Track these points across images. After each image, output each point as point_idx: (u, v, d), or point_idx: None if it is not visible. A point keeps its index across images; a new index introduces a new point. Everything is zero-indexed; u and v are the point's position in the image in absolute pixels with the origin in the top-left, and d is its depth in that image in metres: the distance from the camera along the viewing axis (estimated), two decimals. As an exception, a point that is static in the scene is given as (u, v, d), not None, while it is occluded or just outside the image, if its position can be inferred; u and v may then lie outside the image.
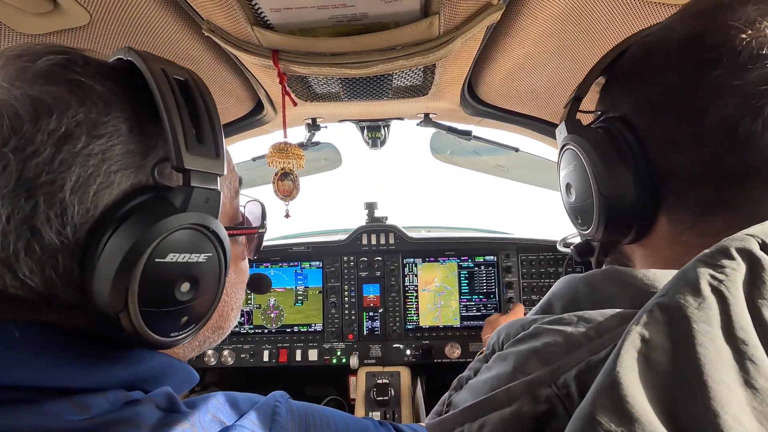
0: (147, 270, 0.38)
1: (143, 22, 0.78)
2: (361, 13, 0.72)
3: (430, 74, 1.02)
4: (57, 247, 0.36)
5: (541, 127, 1.31)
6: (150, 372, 0.44)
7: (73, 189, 0.36)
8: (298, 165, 1.03)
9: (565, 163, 0.53)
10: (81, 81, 0.38)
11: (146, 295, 0.39)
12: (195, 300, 0.43)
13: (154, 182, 0.41)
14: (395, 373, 1.52)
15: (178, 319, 0.43)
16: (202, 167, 0.42)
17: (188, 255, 0.42)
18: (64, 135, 0.36)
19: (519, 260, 1.60)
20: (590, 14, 0.77)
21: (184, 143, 0.40)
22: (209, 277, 0.44)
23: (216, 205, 0.44)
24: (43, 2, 0.67)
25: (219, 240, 0.45)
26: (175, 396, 0.42)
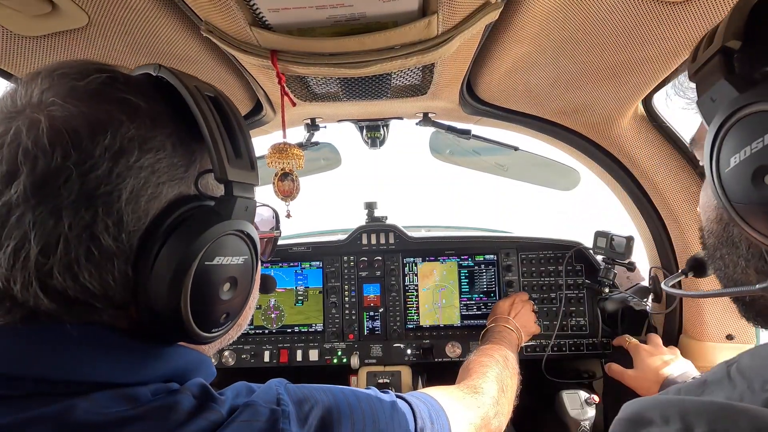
0: (198, 272, 0.43)
1: (142, 23, 0.78)
2: (360, 13, 0.72)
3: (428, 73, 1.02)
4: (114, 252, 0.40)
5: (541, 125, 1.31)
6: (185, 366, 0.48)
7: (128, 199, 0.40)
8: (298, 165, 1.03)
9: (751, 135, 0.37)
10: (129, 99, 0.42)
11: (196, 295, 0.43)
12: (234, 299, 0.48)
13: (198, 192, 0.45)
14: (396, 373, 1.52)
15: (219, 317, 0.48)
16: (242, 179, 0.47)
17: (231, 258, 0.46)
18: (119, 150, 0.39)
19: (519, 259, 1.60)
20: (588, 12, 0.77)
21: (226, 157, 0.45)
22: (245, 277, 0.49)
23: (253, 213, 0.49)
24: (41, 4, 0.67)
25: (254, 244, 0.49)
26: (207, 385, 0.46)
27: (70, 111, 0.39)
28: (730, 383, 0.36)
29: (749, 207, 0.38)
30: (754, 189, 0.37)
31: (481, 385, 0.94)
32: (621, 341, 1.32)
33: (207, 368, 0.52)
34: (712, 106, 0.41)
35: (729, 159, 0.39)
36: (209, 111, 0.45)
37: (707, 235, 0.51)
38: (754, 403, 0.32)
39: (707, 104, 0.41)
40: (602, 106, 1.13)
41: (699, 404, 0.34)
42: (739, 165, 0.38)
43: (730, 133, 0.39)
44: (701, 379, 0.39)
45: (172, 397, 0.42)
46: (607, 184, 1.44)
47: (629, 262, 1.39)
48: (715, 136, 0.40)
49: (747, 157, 0.37)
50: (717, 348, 1.24)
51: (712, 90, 0.40)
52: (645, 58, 0.88)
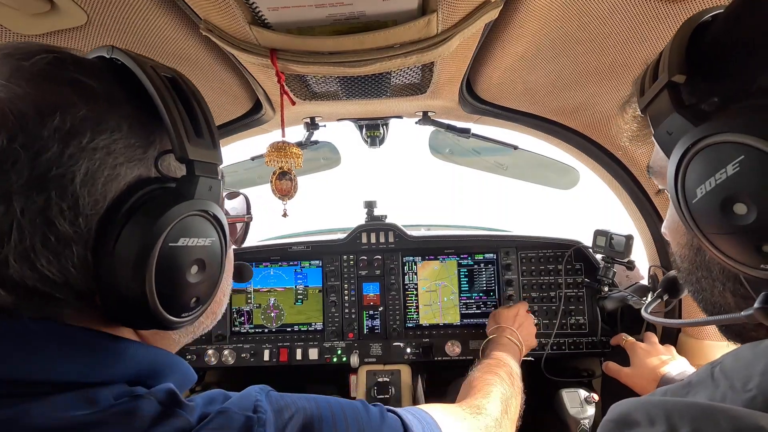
0: (162, 254, 0.42)
1: (140, 22, 0.78)
2: (359, 12, 0.72)
3: (428, 72, 1.02)
4: (71, 237, 0.38)
5: (540, 124, 1.31)
6: (152, 367, 0.46)
7: (83, 181, 0.38)
8: (296, 164, 1.03)
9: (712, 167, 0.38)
10: (79, 79, 0.40)
11: (162, 278, 0.42)
12: (203, 281, 0.47)
13: (158, 173, 0.44)
14: (396, 372, 1.52)
15: (189, 300, 0.46)
16: (203, 157, 0.46)
17: (197, 239, 0.45)
18: (70, 131, 0.38)
19: (519, 258, 1.60)
20: (588, 11, 0.77)
21: (185, 136, 0.44)
22: (214, 259, 0.48)
23: (217, 193, 0.48)
24: (39, 3, 0.67)
25: (221, 225, 0.48)
26: (175, 391, 0.43)
27: (14, 92, 0.37)
28: (713, 384, 0.36)
29: (722, 237, 0.39)
30: (725, 218, 0.37)
31: (484, 404, 0.89)
32: (618, 340, 1.32)
33: (180, 372, 0.50)
34: (669, 139, 0.42)
35: (695, 190, 0.40)
36: (166, 90, 0.44)
37: (680, 260, 0.52)
38: (735, 404, 0.32)
39: (664, 137, 0.42)
40: (601, 104, 1.13)
41: (683, 405, 0.35)
42: (706, 196, 0.39)
43: (691, 165, 0.40)
44: (686, 381, 0.39)
45: (134, 402, 0.40)
46: (607, 182, 1.44)
47: (628, 261, 1.39)
48: (677, 168, 0.41)
49: (713, 188, 0.38)
50: (716, 347, 1.24)
51: (666, 123, 0.42)
52: (644, 56, 0.88)
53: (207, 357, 1.57)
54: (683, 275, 0.52)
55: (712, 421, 0.32)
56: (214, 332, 1.59)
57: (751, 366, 0.34)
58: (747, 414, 0.31)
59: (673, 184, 0.42)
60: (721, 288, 0.45)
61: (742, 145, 0.35)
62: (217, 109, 1.23)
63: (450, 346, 1.56)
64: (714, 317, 0.46)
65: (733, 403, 0.33)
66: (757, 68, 0.37)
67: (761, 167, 0.34)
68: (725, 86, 0.39)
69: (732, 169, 0.36)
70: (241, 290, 1.64)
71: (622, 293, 1.39)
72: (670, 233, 0.53)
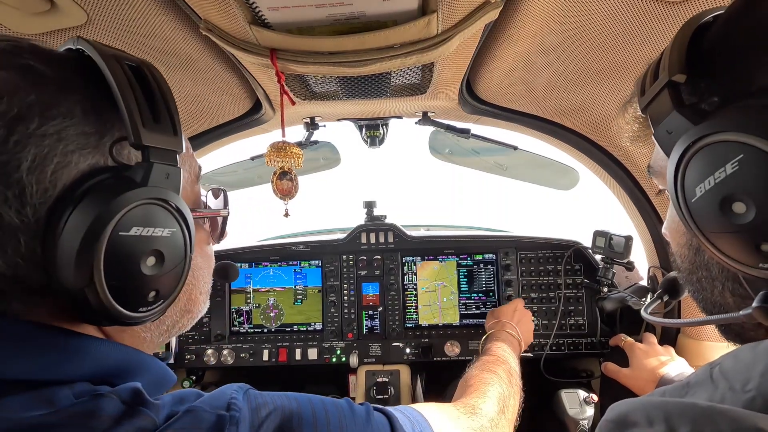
0: (111, 243, 0.39)
1: (140, 22, 0.78)
2: (359, 12, 0.72)
3: (428, 73, 1.02)
4: (18, 226, 0.37)
5: (540, 125, 1.31)
6: (117, 365, 0.44)
7: (30, 169, 0.37)
8: (297, 164, 1.03)
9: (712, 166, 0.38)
10: (31, 65, 0.40)
11: (112, 269, 0.40)
12: (162, 274, 0.44)
13: (114, 161, 0.42)
14: (395, 372, 1.52)
15: (146, 294, 0.44)
16: (160, 144, 0.44)
17: (152, 229, 0.43)
18: (16, 116, 0.37)
19: (518, 258, 1.60)
20: (588, 12, 0.77)
21: (141, 121, 0.42)
22: (174, 252, 0.46)
23: (177, 182, 0.46)
24: (40, 2, 0.67)
25: (182, 216, 0.46)
26: (141, 391, 0.41)
27: None
28: (713, 385, 0.36)
29: (722, 236, 0.39)
30: (724, 217, 0.37)
31: (480, 404, 0.85)
32: (617, 340, 1.33)
33: (152, 371, 0.48)
34: (669, 138, 0.42)
35: (694, 189, 0.40)
36: (122, 73, 0.42)
37: (680, 260, 0.52)
38: (734, 405, 0.32)
39: (664, 136, 0.43)
40: (601, 105, 1.13)
41: (682, 406, 0.35)
42: (706, 195, 0.39)
43: (691, 164, 0.40)
44: (685, 381, 0.39)
45: (95, 402, 0.38)
46: (606, 183, 1.44)
47: (628, 262, 1.39)
48: (677, 167, 0.41)
49: (712, 187, 0.38)
50: (715, 347, 1.24)
51: (666, 122, 0.42)
52: (645, 57, 0.88)
53: (206, 357, 1.57)
54: (683, 275, 0.52)
55: (711, 422, 0.32)
56: (214, 332, 1.59)
57: (750, 367, 0.34)
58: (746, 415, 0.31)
59: (672, 183, 0.42)
60: (720, 288, 0.45)
61: (742, 144, 0.35)
62: (217, 109, 1.23)
63: (449, 347, 1.56)
64: (713, 317, 0.46)
65: (733, 404, 0.32)
66: (757, 68, 0.37)
67: (760, 166, 0.34)
68: (725, 86, 0.39)
69: (731, 168, 0.36)
70: (241, 290, 1.64)
71: (622, 294, 1.39)
72: (670, 233, 0.53)
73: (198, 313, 0.57)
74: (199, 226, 0.58)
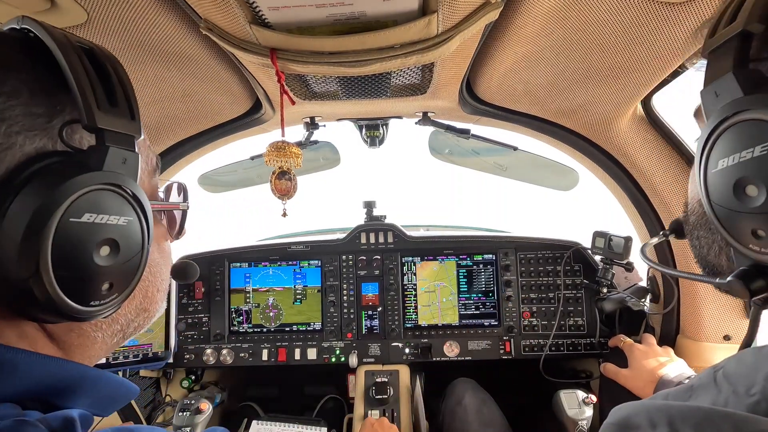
0: (61, 230, 0.36)
1: (140, 21, 0.78)
2: (360, 12, 0.72)
3: (428, 73, 1.02)
4: None
5: (540, 125, 1.31)
6: (55, 383, 0.39)
7: None
8: (296, 164, 1.03)
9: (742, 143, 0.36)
10: None
11: (61, 257, 0.37)
12: (116, 266, 0.41)
13: (64, 144, 0.39)
14: (394, 372, 1.52)
15: (98, 286, 0.41)
16: (116, 127, 0.41)
17: (107, 216, 0.40)
18: None
19: (518, 258, 1.60)
20: (588, 13, 0.77)
21: (95, 103, 0.39)
22: (130, 241, 0.43)
23: (135, 168, 0.43)
24: (40, 1, 0.67)
25: (140, 204, 0.43)
26: (73, 421, 0.37)
27: None
28: (716, 388, 0.36)
29: (726, 211, 0.39)
30: (734, 197, 0.38)
31: None
32: (616, 341, 1.33)
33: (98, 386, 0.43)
34: (714, 100, 0.40)
35: (717, 161, 0.40)
36: (75, 55, 0.40)
37: (690, 212, 0.53)
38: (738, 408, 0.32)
39: (710, 97, 0.41)
40: (601, 106, 1.13)
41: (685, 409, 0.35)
42: (726, 170, 0.39)
43: (724, 134, 0.39)
44: (688, 384, 0.39)
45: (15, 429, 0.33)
46: (606, 184, 1.44)
47: (627, 263, 1.39)
48: (710, 133, 0.40)
49: (734, 164, 0.38)
50: (714, 348, 1.24)
51: (719, 83, 0.40)
52: (644, 58, 0.88)
53: (205, 356, 1.57)
54: (688, 228, 0.53)
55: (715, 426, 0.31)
56: (213, 332, 1.59)
57: (754, 371, 0.34)
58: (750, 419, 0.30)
59: (701, 147, 0.42)
60: (717, 250, 0.46)
61: None
62: (217, 109, 1.23)
63: (449, 347, 1.56)
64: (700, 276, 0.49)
65: (737, 407, 0.32)
66: None
67: None
68: None
69: (760, 151, 0.35)
70: (240, 290, 1.64)
71: (621, 295, 1.39)
72: (690, 187, 0.53)
73: (155, 312, 0.53)
74: (157, 221, 0.55)
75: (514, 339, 1.56)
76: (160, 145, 1.36)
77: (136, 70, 0.95)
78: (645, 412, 0.37)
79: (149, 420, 1.56)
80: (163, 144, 1.37)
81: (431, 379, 1.70)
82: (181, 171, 1.55)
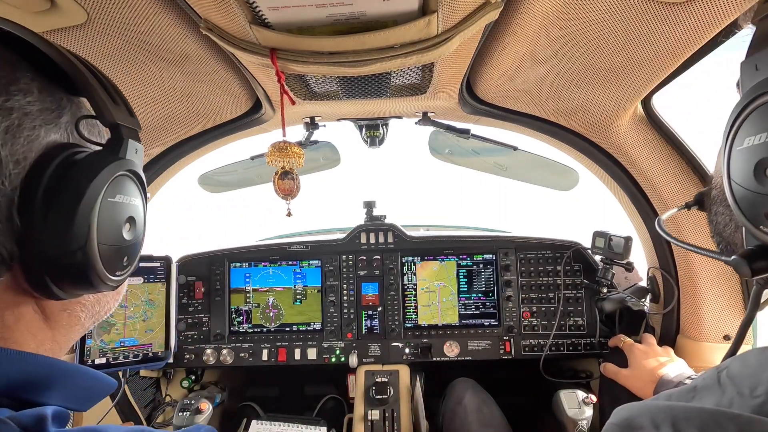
0: (103, 208, 0.43)
1: (140, 21, 0.78)
2: (360, 12, 0.72)
3: (428, 73, 1.02)
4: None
5: (540, 125, 1.31)
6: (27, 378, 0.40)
7: (4, 141, 0.37)
8: (298, 164, 1.03)
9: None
10: None
11: (101, 232, 0.43)
12: (132, 241, 0.49)
13: (80, 137, 0.45)
14: (394, 372, 1.52)
15: (122, 259, 0.47)
16: (128, 123, 0.48)
17: (129, 197, 0.47)
18: None
19: (518, 258, 1.60)
20: (588, 13, 0.77)
21: (110, 101, 0.46)
22: (141, 220, 0.50)
23: (141, 158, 0.50)
24: (40, 1, 0.67)
25: (144, 190, 0.51)
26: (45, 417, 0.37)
27: None
28: (720, 389, 0.36)
29: (743, 190, 0.39)
30: (754, 177, 0.37)
31: None
32: (616, 341, 1.33)
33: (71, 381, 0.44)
34: (753, 74, 0.39)
35: (744, 138, 0.39)
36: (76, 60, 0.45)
37: (713, 186, 0.52)
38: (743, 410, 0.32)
39: (750, 69, 0.40)
40: (601, 106, 1.13)
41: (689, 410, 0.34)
42: (750, 149, 0.38)
43: (756, 111, 0.38)
44: (692, 385, 0.39)
45: None
46: (606, 184, 1.44)
47: (627, 263, 1.39)
48: (742, 109, 0.39)
49: (759, 144, 0.37)
50: (714, 348, 1.24)
51: (762, 55, 0.38)
52: (644, 58, 0.88)
53: (205, 356, 1.57)
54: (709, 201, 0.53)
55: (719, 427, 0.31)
56: (213, 332, 1.59)
57: (758, 371, 0.34)
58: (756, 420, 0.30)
59: (730, 122, 0.41)
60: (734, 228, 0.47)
61: None
62: (217, 109, 1.23)
63: (449, 347, 1.56)
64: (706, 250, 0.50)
65: (741, 409, 0.32)
66: None
67: None
68: None
69: None
70: (240, 290, 1.64)
71: (621, 294, 1.39)
72: (718, 156, 0.52)
73: (121, 296, 0.58)
74: None
75: (514, 339, 1.56)
76: (160, 145, 1.36)
77: (136, 71, 0.95)
78: (648, 413, 0.37)
79: (149, 420, 1.57)
80: (164, 144, 1.37)
81: (431, 379, 1.70)
82: (182, 171, 1.55)
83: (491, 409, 1.35)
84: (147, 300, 1.34)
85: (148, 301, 1.34)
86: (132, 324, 1.31)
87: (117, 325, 1.29)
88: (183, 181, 1.66)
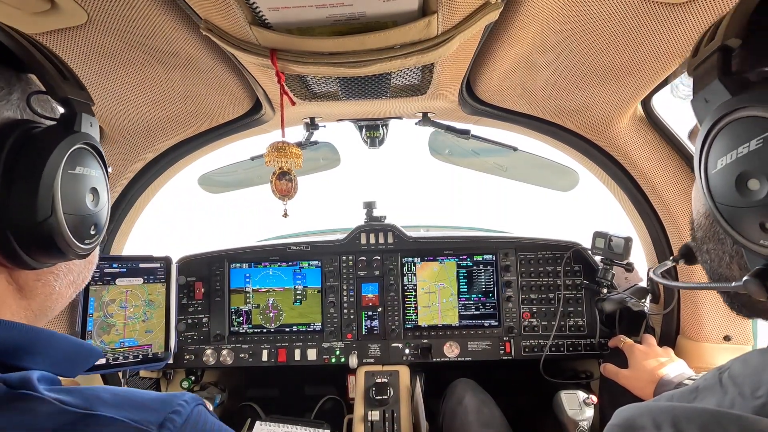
0: (64, 179, 0.45)
1: (141, 21, 0.78)
2: (360, 13, 0.72)
3: (428, 73, 1.02)
4: None
5: (540, 126, 1.31)
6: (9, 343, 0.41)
7: None
8: (296, 164, 1.03)
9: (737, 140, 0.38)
10: None
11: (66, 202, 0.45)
12: (97, 210, 0.51)
13: (33, 113, 0.46)
14: (394, 373, 1.52)
15: (89, 228, 0.49)
16: (78, 97, 0.49)
17: (89, 169, 0.49)
18: None
19: (518, 259, 1.60)
20: (588, 14, 0.77)
21: (59, 76, 0.47)
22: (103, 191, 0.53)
23: (97, 131, 0.52)
24: (40, 2, 0.67)
25: (103, 161, 0.53)
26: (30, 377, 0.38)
27: None
28: (722, 390, 0.36)
29: (732, 209, 0.39)
30: (738, 193, 0.38)
31: None
32: (616, 341, 1.33)
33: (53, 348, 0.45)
34: (705, 107, 0.42)
35: (716, 161, 0.40)
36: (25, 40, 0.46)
37: (696, 228, 0.53)
38: (744, 410, 0.32)
39: (701, 104, 0.42)
40: (601, 106, 1.13)
41: (690, 411, 0.35)
42: (725, 168, 0.39)
43: (719, 135, 0.40)
44: (693, 386, 0.39)
45: None
46: (606, 184, 1.44)
47: (627, 263, 1.39)
48: (705, 137, 0.41)
49: (733, 161, 0.38)
50: (714, 349, 1.24)
51: (706, 90, 0.41)
52: (644, 59, 0.89)
53: (205, 357, 1.57)
54: (697, 244, 0.52)
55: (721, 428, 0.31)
56: (213, 332, 1.59)
57: (760, 372, 0.34)
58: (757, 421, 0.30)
59: (699, 152, 0.42)
60: (728, 260, 0.46)
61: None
62: (217, 109, 1.23)
63: (449, 347, 1.56)
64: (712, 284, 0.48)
65: (743, 409, 0.32)
66: None
67: None
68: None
69: (755, 144, 0.36)
70: (240, 290, 1.64)
71: (621, 295, 1.39)
72: (694, 201, 0.53)
73: (95, 263, 0.59)
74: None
75: (514, 339, 1.56)
76: (160, 145, 1.36)
77: (137, 71, 0.95)
78: (649, 414, 0.37)
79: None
80: (164, 144, 1.37)
81: (431, 380, 1.70)
82: (182, 171, 1.55)
83: (491, 409, 1.35)
84: (147, 300, 1.34)
85: (147, 301, 1.34)
86: (132, 324, 1.31)
87: (117, 325, 1.29)
88: (183, 182, 1.66)
